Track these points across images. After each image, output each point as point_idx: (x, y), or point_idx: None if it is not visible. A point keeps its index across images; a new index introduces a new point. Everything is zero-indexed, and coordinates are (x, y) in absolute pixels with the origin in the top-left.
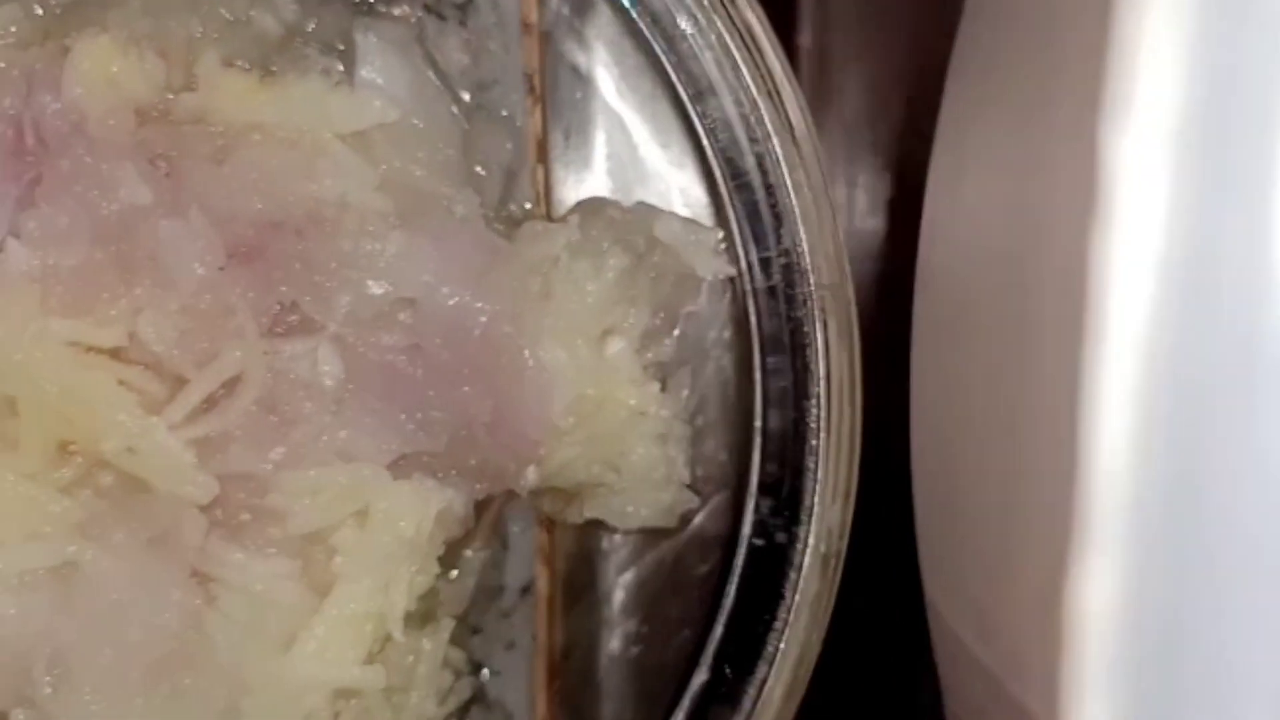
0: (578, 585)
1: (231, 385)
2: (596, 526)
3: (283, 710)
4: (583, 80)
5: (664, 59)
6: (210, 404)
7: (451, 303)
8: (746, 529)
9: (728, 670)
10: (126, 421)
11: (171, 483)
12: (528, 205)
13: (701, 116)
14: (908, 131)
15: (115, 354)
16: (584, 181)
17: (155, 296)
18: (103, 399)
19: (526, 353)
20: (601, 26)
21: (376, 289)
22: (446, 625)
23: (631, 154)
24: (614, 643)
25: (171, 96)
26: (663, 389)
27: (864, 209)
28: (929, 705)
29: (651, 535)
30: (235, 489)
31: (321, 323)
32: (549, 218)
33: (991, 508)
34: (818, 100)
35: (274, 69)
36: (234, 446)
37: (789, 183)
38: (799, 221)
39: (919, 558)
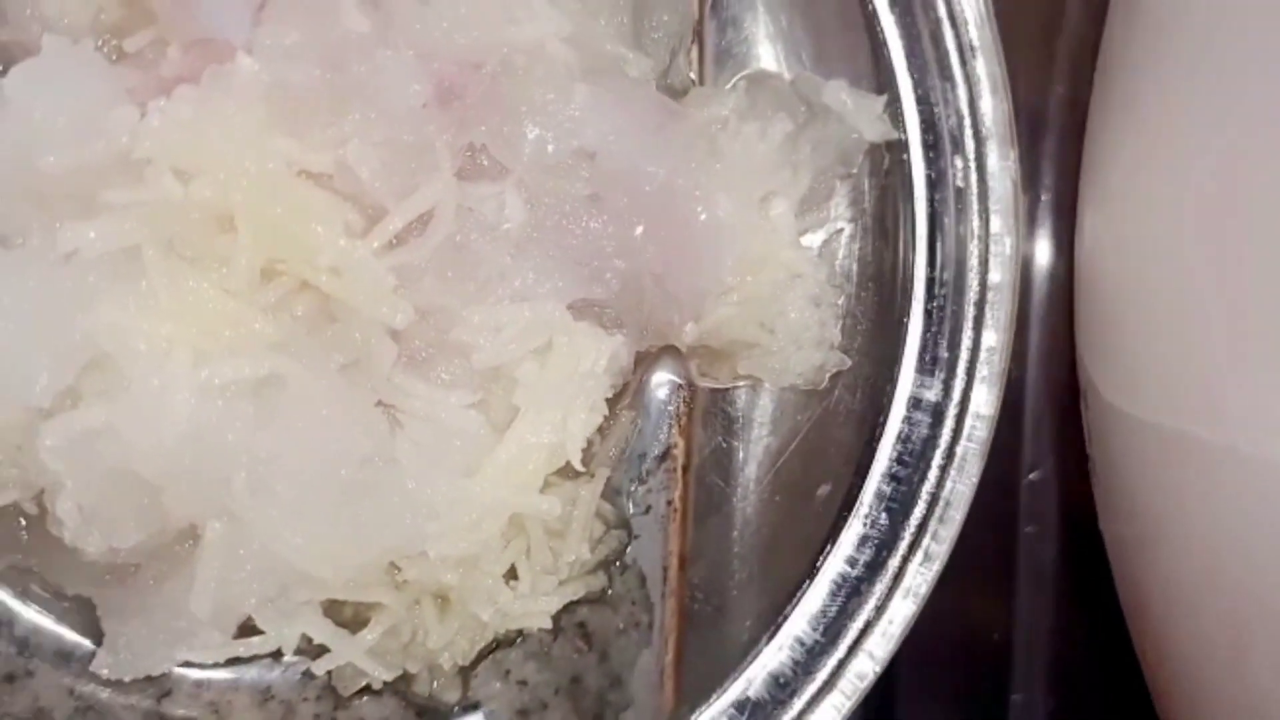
0: (714, 455)
1: (422, 223)
2: (734, 397)
3: (463, 536)
4: None
5: None
6: (402, 239)
7: (630, 156)
8: (904, 387)
9: (884, 517)
10: (337, 241)
11: (372, 305)
12: (689, 75)
13: None
14: None
15: (320, 181)
16: (741, 62)
17: (363, 127)
18: (318, 216)
19: (699, 207)
20: None
21: (560, 139)
22: (602, 476)
23: (789, 34)
24: (749, 508)
25: None
26: (818, 254)
27: None
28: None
29: (789, 405)
30: (422, 323)
31: (508, 168)
32: None
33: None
34: None
35: None
36: (425, 279)
37: (962, 46)
38: (970, 86)
39: (1092, 379)
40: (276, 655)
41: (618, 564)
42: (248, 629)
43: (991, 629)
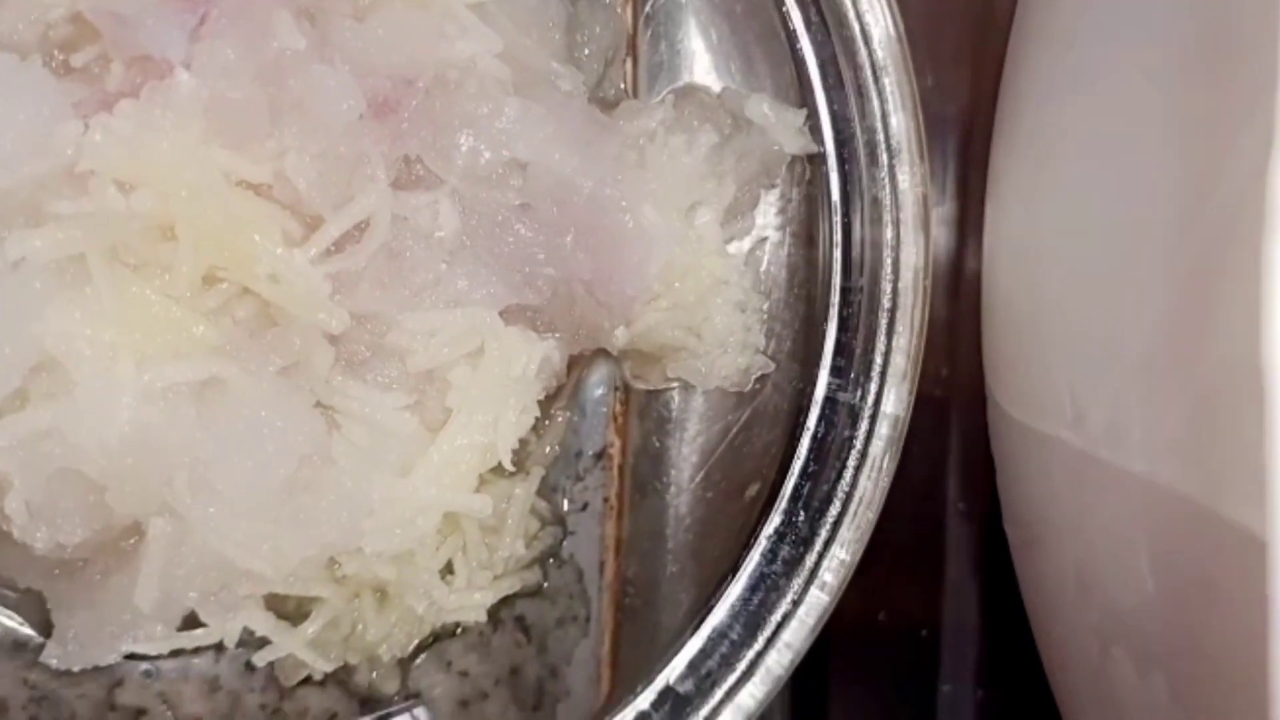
0: (648, 452)
1: (359, 231)
2: (668, 398)
3: (398, 532)
4: None
5: None
6: (340, 247)
7: (561, 167)
8: (820, 389)
9: (801, 514)
10: (274, 250)
11: (309, 311)
12: (620, 87)
13: (795, 1)
14: None
15: (260, 191)
16: (672, 75)
17: (300, 139)
18: (256, 226)
19: (627, 216)
20: None
21: (492, 150)
22: (536, 475)
23: (718, 47)
24: (682, 505)
25: None
26: (743, 262)
27: None
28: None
29: (720, 406)
30: (359, 327)
31: (442, 178)
32: None
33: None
34: None
35: None
36: (362, 286)
37: (874, 64)
38: (882, 101)
39: (988, 385)
40: (221, 647)
41: (553, 559)
42: (192, 621)
43: (920, 622)
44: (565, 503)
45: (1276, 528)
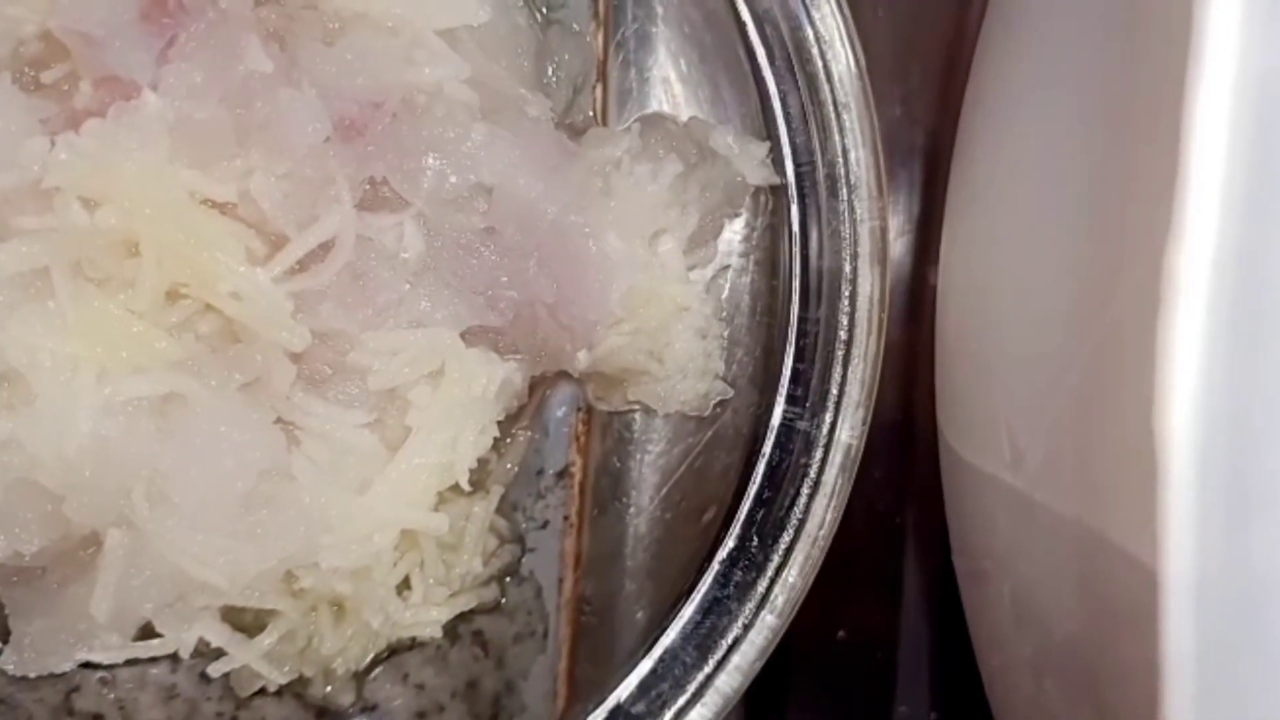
0: (610, 472)
1: (324, 251)
2: (630, 420)
3: (355, 548)
4: (645, 6)
5: None
6: (304, 266)
7: (526, 192)
8: (776, 416)
9: (754, 539)
10: (237, 268)
11: (271, 328)
12: (590, 114)
13: (760, 37)
14: None
15: (225, 210)
16: (642, 102)
17: (266, 160)
18: (218, 244)
19: (591, 242)
20: None
21: (458, 174)
22: (496, 493)
23: (688, 75)
24: (642, 525)
25: None
26: (705, 289)
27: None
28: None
29: (680, 429)
30: (322, 345)
31: (407, 201)
32: None
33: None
34: None
35: None
36: (325, 305)
37: (835, 100)
38: (843, 136)
39: (938, 419)
40: (178, 656)
41: (513, 576)
42: (149, 631)
43: (877, 644)
44: (525, 521)
45: (1166, 579)
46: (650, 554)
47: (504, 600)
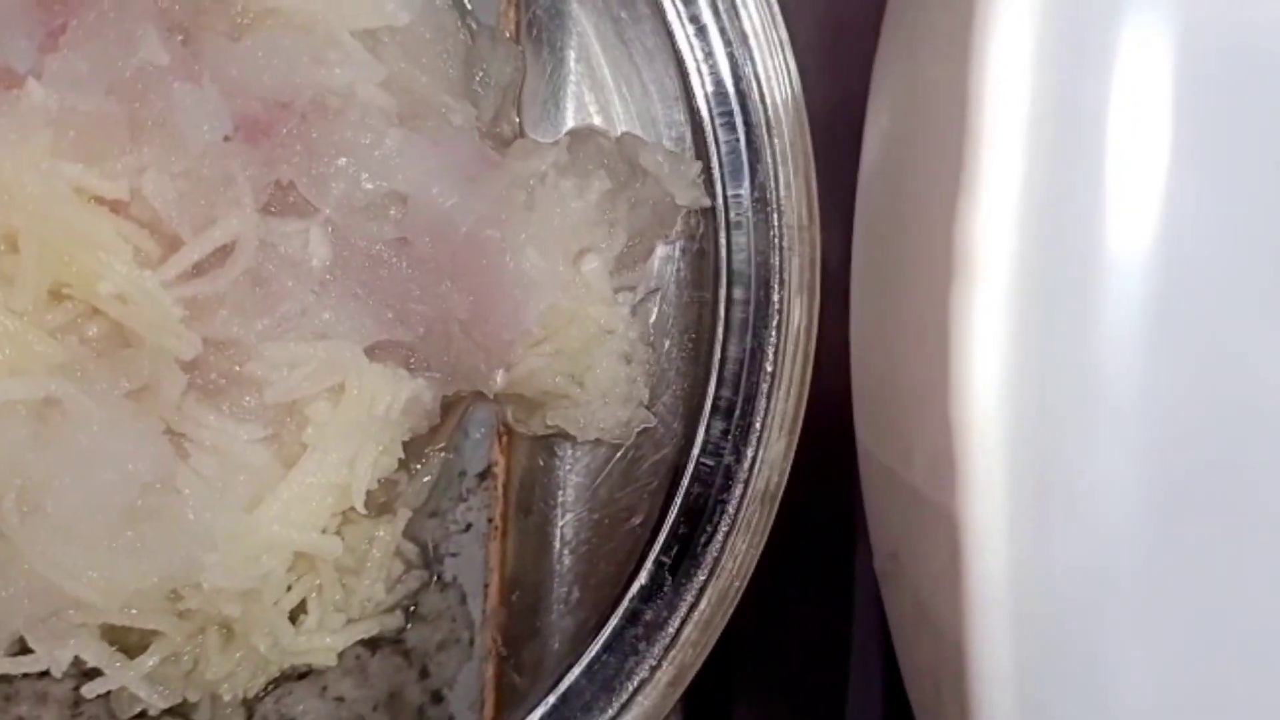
0: (535, 473)
1: (223, 256)
2: (552, 439)
3: (242, 569)
4: (574, 20)
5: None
6: (201, 270)
7: (441, 202)
8: (696, 449)
9: (667, 575)
10: (122, 269)
11: (158, 335)
12: (518, 123)
13: (693, 57)
14: None
15: (116, 208)
16: (572, 114)
17: (161, 157)
18: (102, 243)
19: (508, 258)
20: None
21: (371, 180)
22: (403, 516)
23: (620, 91)
24: (568, 529)
25: None
26: (631, 312)
27: None
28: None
29: (606, 448)
30: (217, 354)
31: (315, 206)
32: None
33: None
34: None
35: None
36: (221, 312)
37: (768, 124)
38: (775, 161)
39: (855, 420)
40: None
41: (438, 583)
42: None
43: (827, 644)
44: (446, 525)
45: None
46: (578, 557)
47: (409, 628)
